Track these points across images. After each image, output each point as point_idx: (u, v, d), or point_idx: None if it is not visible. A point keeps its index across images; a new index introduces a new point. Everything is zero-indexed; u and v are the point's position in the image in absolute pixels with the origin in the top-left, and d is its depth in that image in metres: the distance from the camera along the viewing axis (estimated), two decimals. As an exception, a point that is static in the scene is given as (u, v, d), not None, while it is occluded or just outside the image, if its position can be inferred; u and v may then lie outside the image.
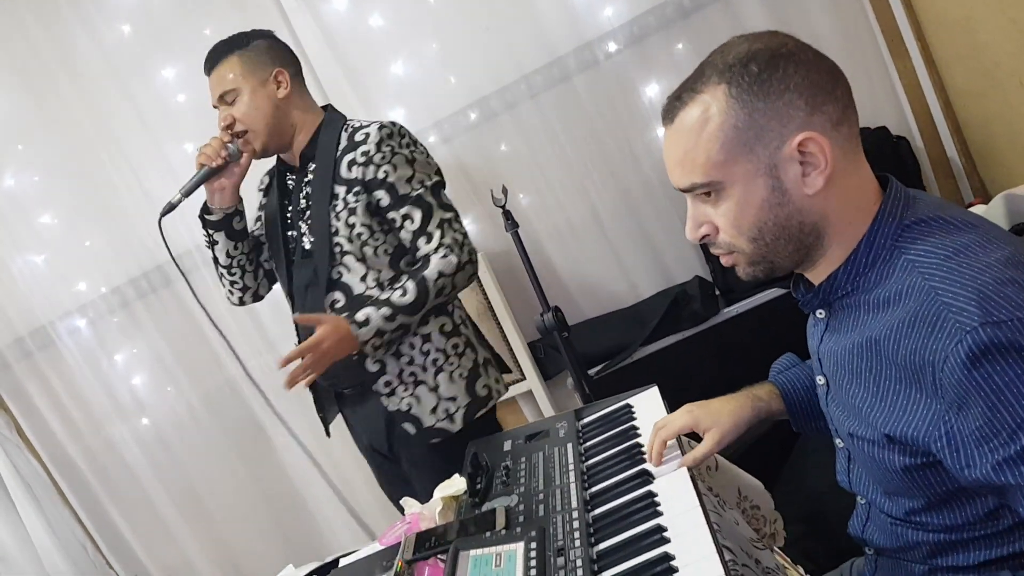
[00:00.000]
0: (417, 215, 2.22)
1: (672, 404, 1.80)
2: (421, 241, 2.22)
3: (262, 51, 2.32)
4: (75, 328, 3.54)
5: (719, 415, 1.56)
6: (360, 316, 2.15)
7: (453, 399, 2.30)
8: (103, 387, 3.58)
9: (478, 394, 2.34)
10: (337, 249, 2.25)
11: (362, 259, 2.25)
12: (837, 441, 1.45)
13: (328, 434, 2.53)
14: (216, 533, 3.71)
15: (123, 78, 3.36)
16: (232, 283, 2.51)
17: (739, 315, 2.94)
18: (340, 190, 2.25)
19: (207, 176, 2.32)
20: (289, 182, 2.42)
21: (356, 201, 2.23)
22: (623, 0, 3.16)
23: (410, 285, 2.17)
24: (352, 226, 2.24)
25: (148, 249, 3.47)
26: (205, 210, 2.41)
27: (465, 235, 2.26)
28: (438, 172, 2.31)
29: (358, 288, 2.26)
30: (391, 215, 2.23)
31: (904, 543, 1.34)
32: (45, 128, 3.42)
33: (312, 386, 2.43)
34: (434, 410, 2.29)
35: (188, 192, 2.34)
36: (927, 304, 1.13)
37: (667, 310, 2.99)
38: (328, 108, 2.41)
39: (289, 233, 2.39)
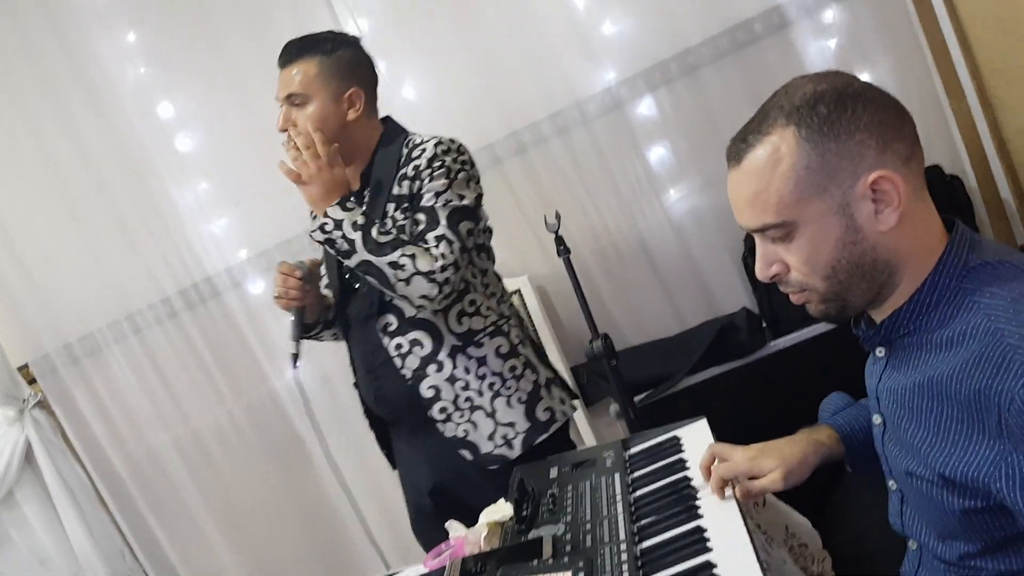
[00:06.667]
0: (423, 220, 2.13)
1: (718, 436, 1.80)
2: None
3: (344, 63, 2.23)
4: (123, 336, 3.58)
5: (785, 458, 1.53)
6: (349, 204, 2.11)
7: (511, 424, 2.24)
8: (147, 396, 3.61)
9: (538, 419, 2.26)
10: None
11: None
12: (891, 483, 1.44)
13: (393, 467, 2.52)
14: (252, 545, 3.72)
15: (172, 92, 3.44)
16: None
17: (786, 348, 2.92)
18: (390, 207, 2.19)
19: (303, 312, 2.31)
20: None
21: (404, 218, 2.17)
22: (676, 32, 3.16)
23: (392, 239, 2.09)
24: None
25: (198, 260, 3.52)
26: (301, 330, 2.33)
27: (454, 263, 2.10)
28: (477, 199, 2.21)
29: (409, 310, 2.20)
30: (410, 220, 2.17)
31: (957, 588, 1.33)
32: (99, 133, 3.47)
33: (376, 423, 2.43)
34: (491, 436, 2.24)
35: (299, 336, 2.30)
36: (992, 345, 1.13)
37: (713, 341, 2.97)
38: (387, 120, 2.35)
39: None
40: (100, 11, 3.40)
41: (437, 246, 2.10)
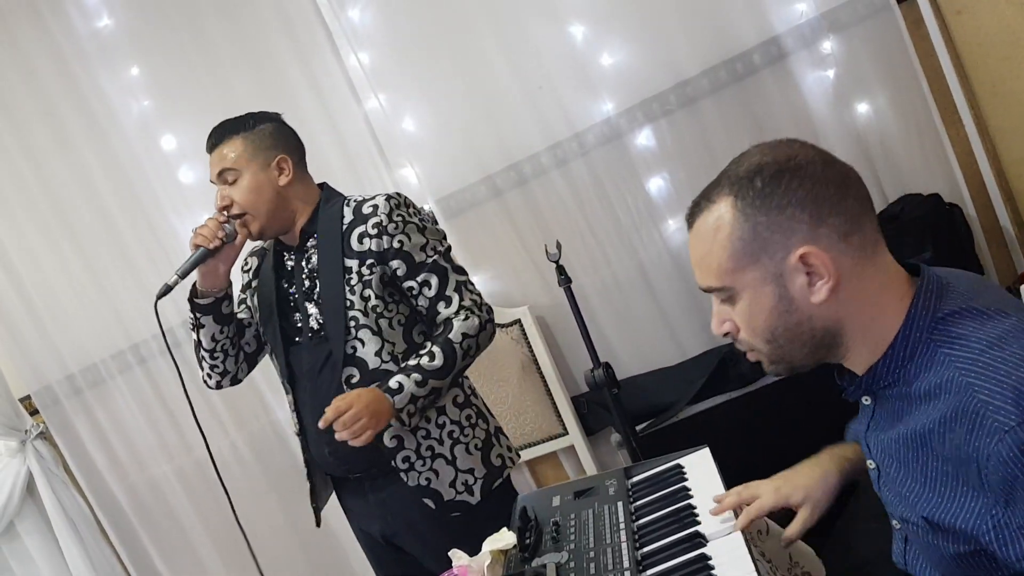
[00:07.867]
0: (434, 280, 2.23)
1: (720, 466, 1.80)
2: (440, 306, 2.24)
3: (267, 135, 2.31)
4: (126, 366, 3.59)
5: (809, 488, 1.56)
6: (392, 383, 2.13)
7: (471, 471, 2.29)
8: (150, 426, 3.62)
9: (493, 464, 2.34)
10: (352, 323, 2.24)
11: (377, 332, 2.24)
12: (894, 523, 1.44)
13: (319, 524, 2.51)
14: (254, 576, 3.71)
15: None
16: (212, 367, 2.47)
17: (787, 378, 2.90)
18: (352, 263, 2.24)
19: (203, 258, 2.28)
20: (288, 263, 2.39)
21: (371, 273, 2.23)
22: (674, 64, 3.18)
23: (437, 349, 2.17)
24: (367, 299, 2.24)
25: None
26: (194, 293, 2.36)
27: (480, 295, 2.29)
28: (445, 237, 2.33)
29: (373, 363, 2.24)
30: (407, 284, 2.24)
31: (961, 624, 1.33)
32: (103, 166, 3.51)
33: (310, 474, 2.44)
34: (453, 483, 2.28)
35: (184, 274, 2.29)
36: (965, 400, 1.15)
37: (714, 370, 2.98)
38: (324, 186, 2.42)
39: (295, 316, 2.35)
40: (104, 45, 3.44)
41: (463, 299, 2.24)
